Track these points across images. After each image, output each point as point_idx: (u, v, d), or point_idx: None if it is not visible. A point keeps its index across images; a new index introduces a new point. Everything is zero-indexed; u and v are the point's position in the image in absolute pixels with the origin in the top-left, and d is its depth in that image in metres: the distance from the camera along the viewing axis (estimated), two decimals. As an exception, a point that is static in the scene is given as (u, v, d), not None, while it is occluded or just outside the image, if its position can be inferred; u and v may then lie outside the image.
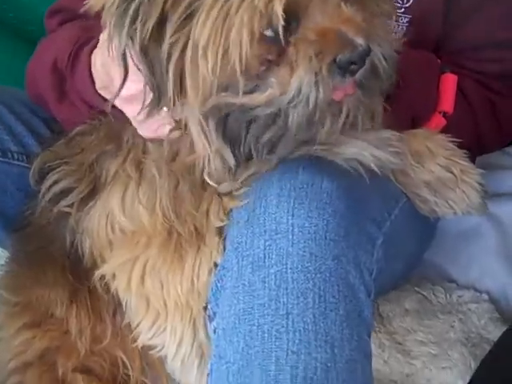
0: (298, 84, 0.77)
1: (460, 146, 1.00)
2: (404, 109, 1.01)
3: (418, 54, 1.06)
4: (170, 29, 0.77)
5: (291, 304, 0.76)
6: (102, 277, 0.95)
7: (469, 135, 1.09)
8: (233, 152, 0.83)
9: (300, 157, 0.85)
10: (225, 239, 0.87)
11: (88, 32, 1.02)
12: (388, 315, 1.25)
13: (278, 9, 0.73)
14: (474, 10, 1.09)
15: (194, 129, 0.84)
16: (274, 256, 0.78)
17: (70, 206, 0.97)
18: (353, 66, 0.78)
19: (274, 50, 0.78)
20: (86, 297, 1.01)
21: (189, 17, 0.77)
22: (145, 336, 0.96)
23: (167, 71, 0.79)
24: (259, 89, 0.79)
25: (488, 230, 1.32)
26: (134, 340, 0.97)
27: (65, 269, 1.01)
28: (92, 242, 0.96)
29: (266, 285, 0.77)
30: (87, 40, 1.02)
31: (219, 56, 0.76)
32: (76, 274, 1.00)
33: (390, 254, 0.95)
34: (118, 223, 0.93)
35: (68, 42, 1.06)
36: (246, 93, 0.79)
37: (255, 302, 0.77)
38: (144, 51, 0.78)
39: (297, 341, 0.74)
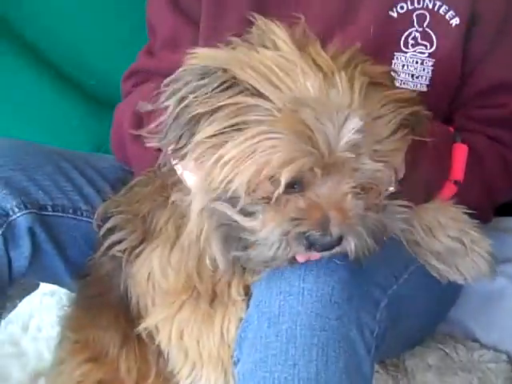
0: (267, 233, 0.87)
1: (472, 204, 1.09)
2: (420, 183, 1.10)
3: (433, 126, 1.14)
4: (214, 126, 0.87)
5: (298, 356, 0.89)
6: (146, 328, 1.09)
7: (480, 194, 1.19)
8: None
9: None
10: (249, 298, 1.00)
11: None
12: (412, 369, 1.35)
13: (283, 179, 0.85)
14: (485, 54, 1.20)
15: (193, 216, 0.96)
16: (286, 314, 0.91)
17: (123, 251, 1.11)
18: (318, 247, 0.88)
19: (274, 194, 0.87)
20: (135, 341, 1.15)
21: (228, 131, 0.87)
22: (184, 382, 1.09)
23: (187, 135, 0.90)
24: (250, 216, 0.89)
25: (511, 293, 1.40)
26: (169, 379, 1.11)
27: (119, 315, 1.16)
28: (137, 292, 1.10)
29: (279, 338, 0.90)
30: None
31: (232, 171, 0.87)
32: (128, 320, 1.14)
33: (402, 312, 1.07)
34: (156, 281, 1.07)
35: (153, 89, 1.18)
36: (240, 212, 0.89)
37: (269, 352, 0.90)
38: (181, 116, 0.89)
39: None
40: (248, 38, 0.93)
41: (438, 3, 1.19)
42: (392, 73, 0.96)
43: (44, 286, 1.62)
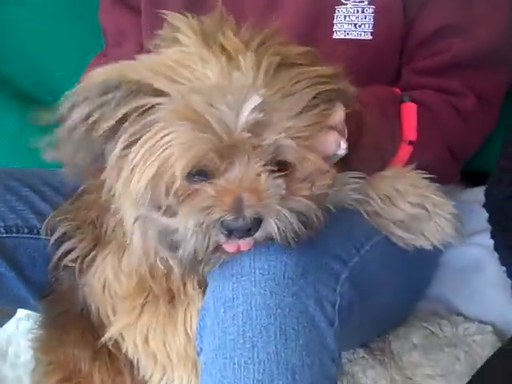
0: (183, 228, 0.85)
1: (433, 163, 1.07)
2: (371, 151, 1.08)
3: (378, 90, 1.15)
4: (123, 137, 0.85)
5: (256, 338, 0.86)
6: (111, 338, 1.07)
7: (439, 151, 1.18)
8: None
9: None
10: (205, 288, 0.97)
11: None
12: (398, 351, 1.31)
13: (177, 172, 0.83)
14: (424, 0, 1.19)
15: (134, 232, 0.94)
16: (240, 296, 0.88)
17: (74, 260, 1.10)
18: (235, 232, 0.84)
19: (188, 188, 0.86)
20: (106, 354, 1.12)
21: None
22: None
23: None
24: (175, 215, 0.87)
25: (489, 263, 1.37)
26: None
27: (85, 330, 1.13)
28: (95, 302, 1.09)
29: (235, 322, 0.87)
30: None
31: (145, 176, 0.85)
32: (95, 333, 1.11)
33: (369, 285, 1.04)
34: (112, 288, 1.06)
35: None
36: (166, 213, 0.87)
37: (227, 337, 0.87)
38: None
39: (261, 370, 0.84)
40: (163, 38, 0.92)
41: None
42: (314, 53, 0.92)
43: (20, 311, 1.59)
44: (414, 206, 1.04)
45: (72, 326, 1.15)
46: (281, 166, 0.87)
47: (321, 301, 0.91)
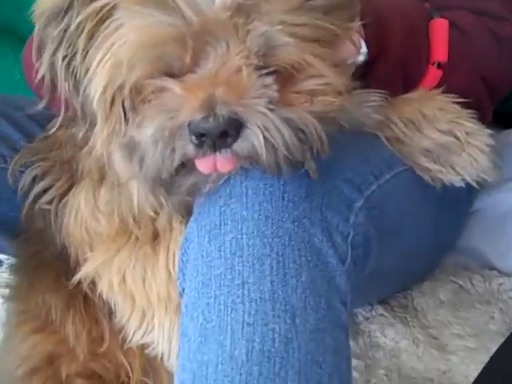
0: (143, 137, 0.71)
1: (464, 91, 0.93)
2: (394, 68, 0.94)
3: (404, 2, 1.01)
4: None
5: (247, 272, 0.70)
6: (87, 278, 0.93)
7: (472, 79, 1.02)
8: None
9: None
10: None
11: None
12: (422, 308, 1.20)
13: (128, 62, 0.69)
14: None
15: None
16: (229, 222, 0.73)
17: (50, 202, 0.96)
18: (205, 138, 0.68)
19: (152, 88, 0.72)
20: (80, 301, 0.99)
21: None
22: (135, 336, 0.92)
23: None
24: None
25: (530, 211, 1.22)
26: (125, 340, 0.94)
27: (59, 274, 1.00)
28: (72, 244, 0.95)
29: (222, 253, 0.72)
30: None
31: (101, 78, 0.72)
32: (70, 279, 0.97)
33: (389, 222, 0.89)
34: (89, 225, 0.92)
35: None
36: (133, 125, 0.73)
37: (212, 272, 0.72)
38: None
39: (253, 311, 0.68)
40: None
41: None
42: None
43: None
44: (443, 134, 0.90)
45: (45, 269, 1.02)
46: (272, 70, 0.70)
47: (329, 231, 0.74)
